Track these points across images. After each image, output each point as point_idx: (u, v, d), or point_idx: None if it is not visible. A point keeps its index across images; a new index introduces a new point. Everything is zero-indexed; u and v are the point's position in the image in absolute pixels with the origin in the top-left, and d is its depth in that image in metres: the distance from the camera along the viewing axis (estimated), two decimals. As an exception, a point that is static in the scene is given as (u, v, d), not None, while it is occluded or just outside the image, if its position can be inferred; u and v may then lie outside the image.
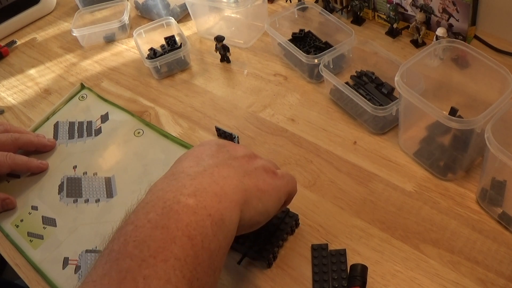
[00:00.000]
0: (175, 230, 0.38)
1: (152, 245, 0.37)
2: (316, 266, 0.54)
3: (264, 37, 0.90)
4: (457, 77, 0.68)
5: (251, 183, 0.46)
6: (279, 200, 0.49)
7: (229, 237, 0.42)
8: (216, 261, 0.40)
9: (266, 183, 0.47)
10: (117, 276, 0.35)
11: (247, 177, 0.46)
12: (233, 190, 0.44)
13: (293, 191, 0.52)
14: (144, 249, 0.36)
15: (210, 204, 0.41)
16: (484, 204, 0.57)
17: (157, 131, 0.75)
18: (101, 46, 0.98)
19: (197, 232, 0.38)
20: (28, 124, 0.82)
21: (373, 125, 0.69)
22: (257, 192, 0.46)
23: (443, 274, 0.52)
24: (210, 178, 0.44)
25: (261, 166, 0.49)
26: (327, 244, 0.56)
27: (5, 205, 0.67)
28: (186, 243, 0.37)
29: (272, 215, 0.48)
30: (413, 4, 0.79)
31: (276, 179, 0.49)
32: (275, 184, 0.48)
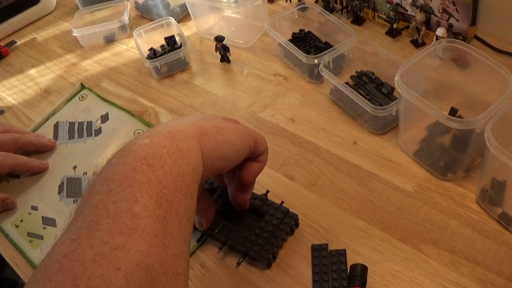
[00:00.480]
0: (134, 162, 0.40)
1: (116, 178, 0.39)
2: (316, 266, 0.54)
3: (264, 37, 0.90)
4: (457, 77, 0.68)
5: (206, 123, 0.47)
6: (242, 137, 0.49)
7: (194, 165, 0.43)
8: (183, 186, 0.41)
9: (224, 124, 0.49)
10: (89, 209, 0.38)
11: (202, 120, 0.48)
12: (187, 127, 0.45)
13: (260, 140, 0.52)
14: (110, 183, 0.39)
15: (164, 140, 0.43)
16: (484, 204, 0.57)
17: (157, 131, 0.75)
18: (101, 46, 0.98)
19: (155, 160, 0.40)
20: (28, 124, 0.82)
21: (373, 125, 0.69)
22: (214, 128, 0.47)
23: (443, 274, 0.52)
24: (164, 124, 0.46)
25: (222, 116, 0.51)
26: (327, 244, 0.56)
27: (5, 205, 0.67)
28: (146, 169, 0.40)
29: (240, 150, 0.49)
30: (413, 4, 0.79)
31: (237, 123, 0.51)
32: (235, 125, 0.50)
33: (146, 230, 0.36)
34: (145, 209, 0.37)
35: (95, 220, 0.36)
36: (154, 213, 0.37)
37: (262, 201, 0.59)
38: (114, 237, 0.35)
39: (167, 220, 0.38)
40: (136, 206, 0.37)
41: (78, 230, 0.36)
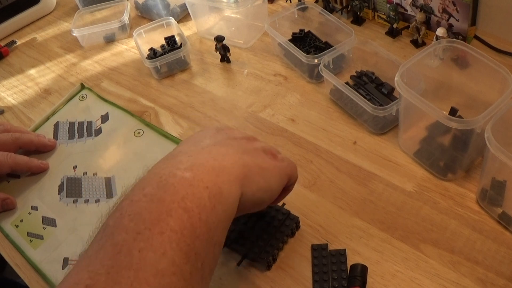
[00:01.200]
0: (171, 202, 0.37)
1: (147, 217, 0.36)
2: (316, 266, 0.54)
3: (264, 37, 0.90)
4: (457, 77, 0.68)
5: (250, 160, 0.45)
6: (281, 179, 0.48)
7: (229, 212, 0.41)
8: (215, 236, 0.39)
9: (266, 162, 0.47)
10: (112, 249, 0.34)
11: (246, 154, 0.45)
12: (232, 165, 0.43)
13: (293, 175, 0.51)
14: (139, 222, 0.36)
15: (207, 178, 0.40)
16: (484, 204, 0.57)
17: (157, 131, 0.75)
18: (101, 46, 0.98)
19: (194, 204, 0.38)
20: (28, 124, 0.82)
21: (373, 125, 0.69)
22: (258, 169, 0.45)
23: (443, 274, 0.52)
24: (208, 154, 0.43)
25: (260, 147, 0.49)
26: (327, 244, 0.56)
27: (5, 205, 0.67)
28: (182, 215, 0.37)
29: (276, 194, 0.47)
30: (413, 4, 0.79)
31: (276, 160, 0.49)
32: (276, 164, 0.48)
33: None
34: (171, 265, 0.34)
35: (115, 268, 0.33)
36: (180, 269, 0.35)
37: None
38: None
39: (192, 275, 0.36)
40: (162, 261, 0.34)
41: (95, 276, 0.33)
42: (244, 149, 0.46)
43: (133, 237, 0.35)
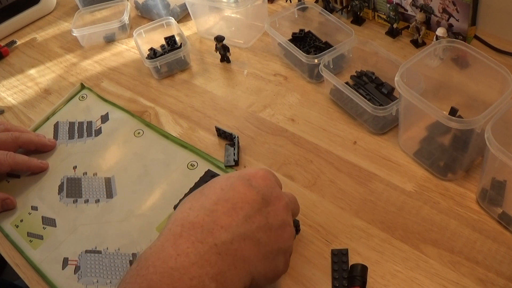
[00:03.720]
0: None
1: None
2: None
3: (264, 37, 0.90)
4: (457, 77, 0.68)
5: (263, 270, 0.46)
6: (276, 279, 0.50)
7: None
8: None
9: (275, 272, 0.48)
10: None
11: (264, 261, 0.46)
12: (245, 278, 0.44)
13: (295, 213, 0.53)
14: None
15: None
16: (484, 204, 0.57)
17: (157, 132, 0.75)
18: (101, 46, 0.98)
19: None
20: (28, 124, 0.82)
21: (373, 125, 0.69)
22: (262, 281, 0.47)
23: (443, 274, 0.52)
24: (233, 258, 0.43)
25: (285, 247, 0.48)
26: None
27: (5, 205, 0.67)
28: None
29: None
30: (413, 4, 0.79)
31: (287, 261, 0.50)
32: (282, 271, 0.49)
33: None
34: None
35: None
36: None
37: None
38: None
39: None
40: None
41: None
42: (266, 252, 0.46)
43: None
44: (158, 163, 0.70)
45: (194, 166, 0.69)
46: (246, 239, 0.45)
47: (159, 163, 0.70)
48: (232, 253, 0.43)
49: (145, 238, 0.61)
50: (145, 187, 0.67)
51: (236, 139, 0.70)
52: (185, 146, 0.72)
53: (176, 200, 0.64)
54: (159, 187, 0.67)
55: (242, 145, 0.71)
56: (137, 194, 0.67)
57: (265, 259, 0.46)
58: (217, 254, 0.43)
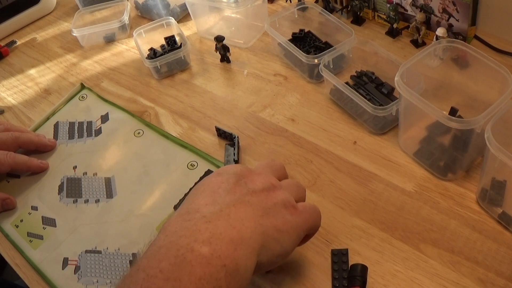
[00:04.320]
0: (188, 283, 0.37)
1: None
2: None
3: (264, 37, 0.90)
4: (457, 77, 0.68)
5: (269, 223, 0.44)
6: (298, 238, 0.47)
7: (244, 285, 0.41)
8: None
9: (285, 222, 0.45)
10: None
11: (265, 217, 0.44)
12: (251, 235, 0.42)
13: (314, 225, 0.50)
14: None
15: (225, 253, 0.40)
16: (484, 204, 0.57)
17: (157, 132, 0.75)
18: (101, 46, 0.98)
19: (211, 285, 0.38)
20: (28, 124, 0.82)
21: (373, 125, 0.69)
22: (276, 234, 0.44)
23: (443, 274, 0.52)
24: (227, 221, 0.42)
25: (280, 201, 0.47)
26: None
27: (5, 205, 0.67)
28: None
29: (290, 254, 0.47)
30: (413, 4, 0.79)
31: (296, 215, 0.47)
32: (295, 222, 0.46)
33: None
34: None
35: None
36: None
37: None
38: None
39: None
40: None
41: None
42: (264, 208, 0.45)
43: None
44: (158, 163, 0.70)
45: (194, 166, 0.69)
46: (236, 204, 0.44)
47: (159, 163, 0.70)
48: (225, 218, 0.42)
49: (145, 238, 0.61)
50: (145, 187, 0.67)
51: (236, 139, 0.70)
52: (185, 146, 0.72)
53: (176, 200, 0.64)
54: (159, 187, 0.67)
55: (242, 145, 0.71)
56: (137, 194, 0.67)
57: (266, 214, 0.45)
58: (207, 223, 0.42)
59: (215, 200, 0.44)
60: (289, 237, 0.45)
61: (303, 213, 0.48)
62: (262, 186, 0.47)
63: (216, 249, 0.40)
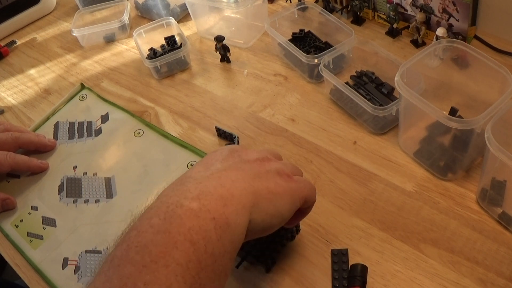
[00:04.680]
0: (177, 234, 0.37)
1: (153, 250, 0.36)
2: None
3: (264, 37, 0.90)
4: (457, 77, 0.68)
5: (261, 185, 0.44)
6: (293, 203, 0.46)
7: (236, 242, 0.41)
8: (220, 266, 0.39)
9: (278, 185, 0.45)
10: (118, 282, 0.35)
11: (257, 179, 0.44)
12: (241, 192, 0.42)
13: (310, 197, 0.49)
14: (145, 255, 0.36)
15: (215, 208, 0.40)
16: (484, 204, 0.57)
17: (157, 131, 0.75)
18: (101, 46, 0.98)
19: (200, 236, 0.38)
20: (28, 124, 0.82)
21: (373, 125, 0.69)
22: (268, 195, 0.44)
23: (443, 274, 0.52)
24: (217, 181, 0.42)
25: (274, 169, 0.47)
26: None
27: (5, 205, 0.67)
28: (188, 248, 0.37)
29: (287, 218, 0.46)
30: (413, 4, 0.79)
31: (290, 181, 0.47)
32: (288, 186, 0.46)
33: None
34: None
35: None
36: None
37: None
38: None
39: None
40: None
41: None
42: (256, 173, 0.45)
43: (139, 270, 0.35)
44: (158, 163, 0.70)
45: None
46: (227, 170, 0.44)
47: (159, 163, 0.70)
48: (215, 179, 0.43)
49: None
50: (145, 187, 0.67)
51: (236, 139, 0.70)
52: (185, 146, 0.72)
53: (176, 200, 0.64)
54: (159, 187, 0.67)
55: (242, 145, 0.71)
56: (137, 194, 0.67)
57: (257, 178, 0.45)
58: (197, 183, 0.42)
59: (207, 168, 0.45)
60: (282, 199, 0.45)
61: (297, 182, 0.48)
62: (256, 157, 0.48)
63: (205, 204, 0.40)
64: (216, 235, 0.38)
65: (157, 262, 0.35)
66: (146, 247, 0.36)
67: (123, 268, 0.36)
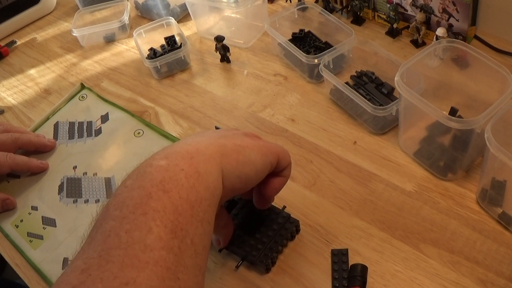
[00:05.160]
0: (150, 187, 0.39)
1: (130, 203, 0.38)
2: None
3: (264, 37, 0.90)
4: (457, 77, 0.68)
5: (227, 141, 0.46)
6: (264, 155, 0.47)
7: (212, 189, 0.42)
8: (200, 212, 0.40)
9: (245, 141, 0.47)
10: (101, 236, 0.36)
11: (223, 138, 0.47)
12: (207, 147, 0.44)
13: (283, 157, 0.50)
14: (123, 209, 0.37)
15: (182, 162, 0.41)
16: (484, 204, 0.57)
17: (157, 131, 0.75)
18: (101, 46, 0.98)
19: (172, 185, 0.39)
20: (28, 124, 0.82)
21: (373, 125, 0.69)
22: (235, 147, 0.46)
23: (443, 274, 0.52)
24: (183, 143, 0.45)
25: (242, 132, 0.49)
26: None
27: (5, 206, 0.67)
28: (162, 196, 0.38)
29: (261, 169, 0.47)
30: (413, 4, 0.79)
31: (258, 140, 0.49)
32: (257, 143, 0.48)
33: (159, 263, 0.35)
34: (158, 240, 0.36)
35: (106, 250, 0.35)
36: (168, 244, 0.36)
37: None
38: (125, 271, 0.33)
39: (182, 250, 0.37)
40: (149, 237, 0.35)
41: (89, 260, 0.35)
42: (222, 135, 0.48)
43: (119, 221, 0.37)
44: (158, 163, 0.70)
45: (194, 166, 0.69)
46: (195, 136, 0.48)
47: (159, 163, 0.70)
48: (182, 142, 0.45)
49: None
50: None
51: (236, 139, 0.70)
52: (185, 146, 0.72)
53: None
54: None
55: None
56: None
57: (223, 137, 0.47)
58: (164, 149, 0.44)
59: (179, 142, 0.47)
60: (251, 150, 0.47)
61: (267, 141, 0.50)
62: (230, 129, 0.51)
63: (173, 160, 0.41)
64: (188, 183, 0.40)
65: (135, 212, 0.37)
66: (124, 202, 0.38)
67: (105, 224, 0.37)
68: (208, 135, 0.48)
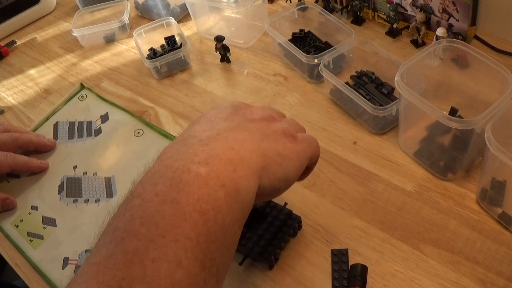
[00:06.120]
0: (186, 205, 0.34)
1: (160, 222, 0.33)
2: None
3: (264, 37, 0.90)
4: (457, 77, 0.68)
5: (270, 147, 0.42)
6: (301, 165, 0.45)
7: (246, 209, 0.38)
8: (230, 236, 0.36)
9: (286, 148, 0.44)
10: (123, 258, 0.32)
11: (265, 140, 0.42)
12: (250, 155, 0.40)
13: (314, 155, 0.48)
14: (151, 227, 0.33)
15: (224, 173, 0.37)
16: (484, 204, 0.57)
17: (157, 131, 0.75)
18: (101, 46, 0.98)
19: (210, 206, 0.35)
20: (28, 124, 0.82)
21: (373, 125, 0.69)
22: (277, 157, 0.42)
23: (443, 274, 0.52)
24: (224, 143, 0.40)
25: (280, 129, 0.45)
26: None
27: (5, 205, 0.67)
28: (198, 220, 0.34)
29: (293, 182, 0.45)
30: (413, 4, 0.79)
31: (296, 143, 0.45)
32: (296, 149, 0.45)
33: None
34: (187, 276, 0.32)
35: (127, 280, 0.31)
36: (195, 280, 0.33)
37: (265, 202, 0.59)
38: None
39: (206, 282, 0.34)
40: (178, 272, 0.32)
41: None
42: (263, 134, 0.43)
43: (146, 245, 0.32)
44: (158, 163, 0.70)
45: (194, 166, 0.69)
46: (234, 130, 0.42)
47: (159, 163, 0.70)
48: (223, 140, 0.40)
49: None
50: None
51: (236, 139, 0.70)
52: (185, 146, 0.72)
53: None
54: (159, 187, 0.67)
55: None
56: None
57: (265, 139, 0.43)
58: (203, 145, 0.39)
59: (212, 127, 0.42)
60: (290, 162, 0.43)
61: (303, 142, 0.47)
62: (260, 116, 0.46)
63: (214, 169, 0.37)
64: (226, 204, 0.36)
65: (165, 236, 0.32)
66: (153, 218, 0.33)
67: (127, 242, 0.33)
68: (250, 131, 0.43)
